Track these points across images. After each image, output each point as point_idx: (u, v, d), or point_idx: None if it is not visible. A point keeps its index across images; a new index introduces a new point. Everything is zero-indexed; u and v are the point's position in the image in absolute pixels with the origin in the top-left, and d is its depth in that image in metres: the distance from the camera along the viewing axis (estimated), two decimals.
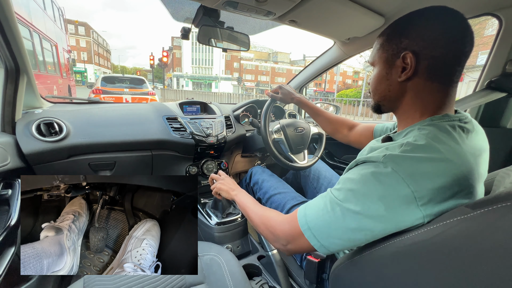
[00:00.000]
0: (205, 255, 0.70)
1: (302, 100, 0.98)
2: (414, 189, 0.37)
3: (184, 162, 1.22)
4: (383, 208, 0.38)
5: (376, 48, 0.50)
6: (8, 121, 0.83)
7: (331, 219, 0.43)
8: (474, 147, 0.43)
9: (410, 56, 0.43)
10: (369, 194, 0.39)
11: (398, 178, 0.38)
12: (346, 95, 13.41)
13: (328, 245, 0.44)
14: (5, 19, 0.68)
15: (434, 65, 0.43)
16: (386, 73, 0.48)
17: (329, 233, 0.43)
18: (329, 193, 0.46)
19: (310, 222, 0.45)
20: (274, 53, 56.34)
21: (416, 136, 0.42)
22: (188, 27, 0.92)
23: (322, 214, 0.44)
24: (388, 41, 0.47)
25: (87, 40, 49.38)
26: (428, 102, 0.45)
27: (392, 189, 0.38)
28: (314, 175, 1.12)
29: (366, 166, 0.42)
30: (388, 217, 0.38)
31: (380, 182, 0.39)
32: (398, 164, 0.38)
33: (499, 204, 0.29)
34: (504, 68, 0.83)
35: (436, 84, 0.44)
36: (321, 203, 0.45)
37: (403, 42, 0.44)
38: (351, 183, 0.42)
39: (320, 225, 0.44)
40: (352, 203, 0.41)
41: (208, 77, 45.16)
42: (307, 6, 0.78)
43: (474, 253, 0.30)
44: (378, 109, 0.54)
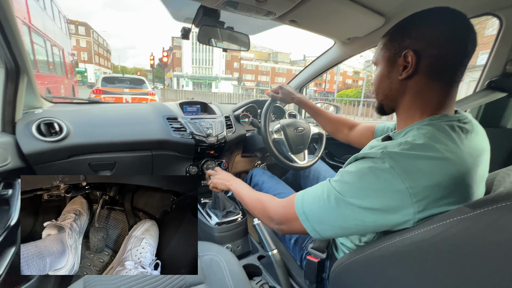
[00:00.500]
0: (205, 255, 0.70)
1: (302, 100, 0.98)
2: (408, 185, 0.38)
3: (184, 162, 1.22)
4: (376, 201, 0.40)
5: (380, 48, 0.52)
6: (8, 121, 0.83)
7: (325, 206, 0.45)
8: (473, 147, 0.43)
9: (411, 54, 0.44)
10: (365, 187, 0.41)
11: (394, 174, 0.39)
12: (346, 95, 13.40)
13: (320, 230, 0.46)
14: (5, 19, 0.68)
15: (435, 64, 0.43)
16: (388, 72, 0.50)
17: (322, 219, 0.46)
18: (327, 182, 0.48)
19: (306, 207, 0.48)
20: (274, 53, 56.21)
21: (415, 135, 0.42)
22: (188, 27, 0.92)
23: (318, 201, 0.47)
24: (390, 41, 0.49)
25: (87, 40, 49.09)
26: (428, 101, 0.46)
27: (387, 183, 0.39)
28: (313, 175, 1.12)
29: (364, 161, 0.44)
30: (380, 210, 0.40)
31: (377, 176, 0.40)
32: (395, 160, 0.40)
33: (499, 204, 0.29)
34: (505, 68, 0.83)
35: (436, 83, 0.44)
36: (319, 191, 0.48)
37: (405, 41, 0.45)
38: (349, 175, 0.44)
39: (315, 211, 0.47)
40: (347, 194, 0.43)
41: (208, 77, 45.13)
42: (307, 6, 0.78)
43: (474, 253, 0.30)
44: (381, 110, 0.55)
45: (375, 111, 0.57)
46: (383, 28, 0.94)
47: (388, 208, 0.39)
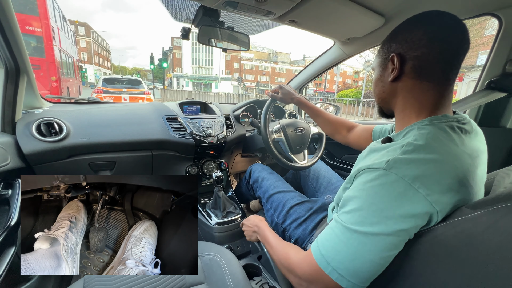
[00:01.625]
0: (205, 255, 0.70)
1: (302, 101, 0.98)
2: (425, 193, 0.36)
3: (184, 162, 1.22)
4: (401, 219, 0.36)
5: (375, 55, 0.55)
6: (8, 121, 0.83)
7: (350, 251, 0.38)
8: (472, 148, 0.43)
9: (395, 57, 0.46)
10: (383, 207, 0.37)
11: (405, 183, 0.36)
12: (346, 95, 13.40)
13: (358, 282, 0.39)
14: (5, 19, 0.68)
15: (418, 65, 0.45)
16: (380, 76, 0.53)
17: (356, 267, 0.38)
18: (338, 220, 0.42)
19: (331, 262, 0.40)
20: (274, 53, 56.07)
21: (416, 135, 0.42)
22: (188, 27, 0.92)
23: (339, 249, 0.40)
24: (382, 47, 0.52)
25: (87, 40, 49.00)
26: (421, 101, 0.46)
27: (402, 197, 0.36)
28: (313, 175, 1.12)
29: (369, 175, 0.40)
30: (408, 228, 0.36)
31: (388, 192, 0.37)
32: (401, 168, 0.37)
33: (499, 205, 0.29)
34: (504, 68, 0.83)
35: (425, 83, 0.45)
36: (334, 234, 0.42)
37: (392, 46, 0.48)
38: (360, 200, 0.40)
39: (344, 260, 0.39)
40: (367, 224, 0.38)
41: (208, 77, 45.08)
42: (307, 6, 0.78)
43: (474, 253, 0.30)
44: (381, 112, 0.57)
45: (378, 114, 0.59)
46: (382, 28, 0.94)
47: (414, 221, 0.36)
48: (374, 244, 0.37)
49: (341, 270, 0.39)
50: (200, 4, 0.82)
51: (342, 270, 0.39)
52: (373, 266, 0.38)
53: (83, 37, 48.71)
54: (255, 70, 50.96)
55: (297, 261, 0.48)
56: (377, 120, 3.52)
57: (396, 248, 0.38)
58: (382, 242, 0.37)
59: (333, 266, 0.40)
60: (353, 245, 0.38)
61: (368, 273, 0.38)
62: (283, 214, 0.88)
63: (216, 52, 42.92)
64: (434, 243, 0.34)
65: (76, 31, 45.40)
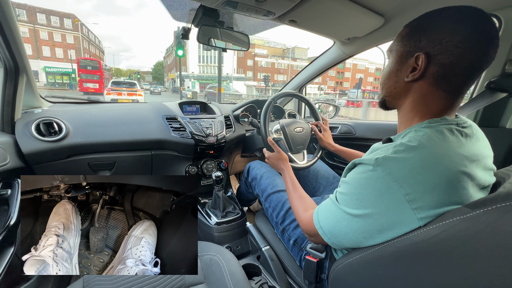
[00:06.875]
0: (204, 255, 0.70)
1: (339, 149, 1.05)
2: (405, 192, 0.38)
3: (184, 162, 1.22)
4: (377, 210, 0.41)
5: (398, 39, 0.49)
6: (7, 120, 0.83)
7: (334, 220, 0.48)
8: (472, 152, 0.42)
9: (422, 57, 0.43)
10: (364, 197, 0.43)
11: (388, 181, 0.39)
12: None
13: (337, 242, 0.49)
14: (5, 19, 0.68)
15: (442, 73, 0.42)
16: (396, 69, 0.48)
17: (335, 233, 0.48)
18: (334, 195, 0.51)
19: (321, 222, 0.52)
20: (290, 48, 47.20)
21: (411, 137, 0.42)
22: (188, 27, 0.92)
23: (328, 216, 0.50)
24: (409, 35, 0.46)
25: (74, 35, 36.81)
26: (430, 107, 0.45)
27: (383, 192, 0.40)
28: (313, 175, 1.12)
29: (360, 168, 0.45)
30: (383, 219, 0.41)
31: (372, 186, 0.42)
32: (387, 166, 0.40)
33: (499, 204, 0.29)
34: (504, 68, 0.83)
35: (441, 92, 0.44)
36: (328, 206, 0.51)
37: (422, 41, 0.43)
38: (348, 186, 0.47)
39: (328, 226, 0.50)
40: (349, 206, 0.45)
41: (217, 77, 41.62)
42: (307, 6, 0.78)
43: (473, 253, 0.30)
44: (383, 104, 0.55)
45: (378, 104, 0.57)
46: (382, 28, 0.94)
47: (390, 216, 0.40)
48: (350, 221, 0.45)
49: (326, 230, 0.50)
50: (200, 4, 0.82)
51: (326, 230, 0.50)
52: (348, 238, 0.46)
53: (70, 31, 36.40)
54: (271, 68, 43.63)
55: (303, 219, 0.61)
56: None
57: (367, 233, 0.43)
58: (356, 223, 0.44)
59: (321, 226, 0.51)
60: (336, 216, 0.48)
61: (344, 241, 0.48)
62: (282, 214, 0.88)
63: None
64: (432, 243, 0.34)
65: (61, 24, 35.30)
